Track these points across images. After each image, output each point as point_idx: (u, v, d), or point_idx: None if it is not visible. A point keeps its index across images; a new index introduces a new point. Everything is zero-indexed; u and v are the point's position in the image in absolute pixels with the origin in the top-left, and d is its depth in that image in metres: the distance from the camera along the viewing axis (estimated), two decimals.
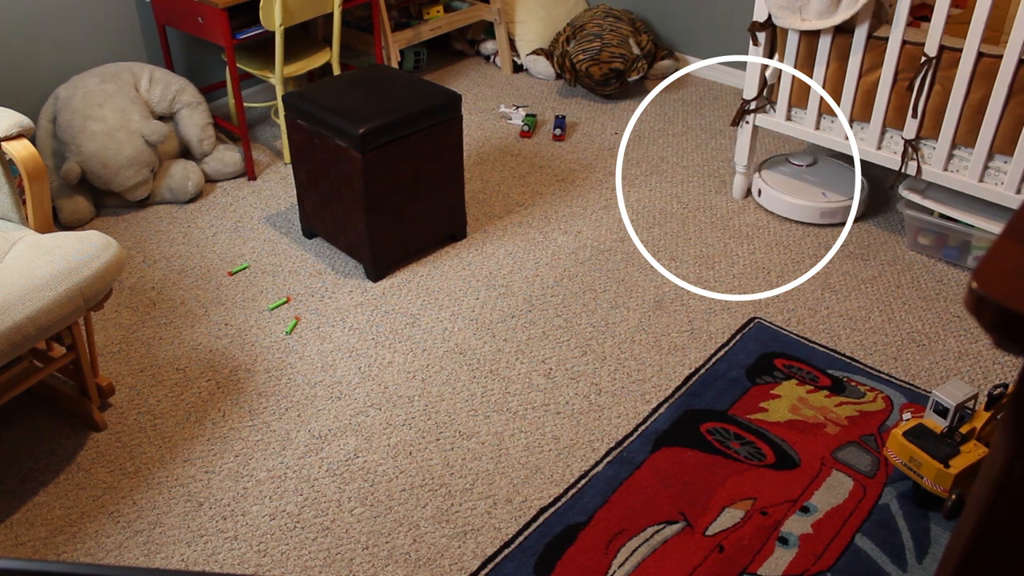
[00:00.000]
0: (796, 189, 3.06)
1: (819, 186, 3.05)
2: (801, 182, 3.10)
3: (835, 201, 3.00)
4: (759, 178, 3.13)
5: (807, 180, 3.10)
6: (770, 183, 3.10)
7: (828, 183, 3.08)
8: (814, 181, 3.09)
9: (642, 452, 2.19)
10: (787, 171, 3.16)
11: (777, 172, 3.18)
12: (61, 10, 3.19)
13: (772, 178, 3.13)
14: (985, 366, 2.45)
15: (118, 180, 3.04)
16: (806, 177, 3.11)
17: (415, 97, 2.72)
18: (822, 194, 3.00)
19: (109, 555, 1.98)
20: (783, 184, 3.10)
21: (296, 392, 2.40)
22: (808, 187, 3.06)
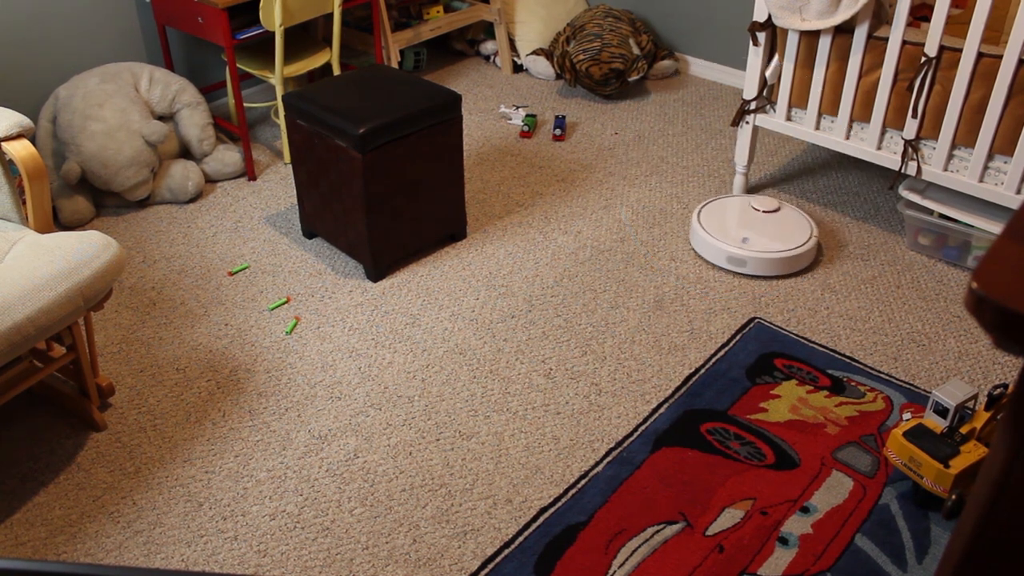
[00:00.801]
0: (722, 229, 2.86)
1: (756, 232, 2.83)
2: (736, 224, 2.89)
3: (749, 250, 2.77)
4: (698, 213, 2.94)
5: (748, 223, 2.89)
6: (705, 215, 2.93)
7: (768, 231, 2.84)
8: (753, 226, 2.87)
9: (642, 452, 2.19)
10: (735, 211, 2.96)
11: (720, 208, 2.99)
12: (61, 10, 3.19)
13: (711, 212, 2.95)
14: (985, 366, 2.45)
15: (118, 180, 3.04)
16: (752, 221, 2.90)
17: (415, 97, 2.72)
18: (742, 239, 2.79)
19: (109, 555, 1.98)
20: (717, 221, 2.90)
21: (296, 392, 2.40)
22: (737, 230, 2.85)
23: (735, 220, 2.91)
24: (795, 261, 2.78)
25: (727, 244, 2.81)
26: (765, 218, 2.90)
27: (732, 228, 2.87)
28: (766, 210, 2.92)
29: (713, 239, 2.83)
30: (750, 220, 2.90)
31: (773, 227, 2.86)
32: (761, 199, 2.96)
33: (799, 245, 2.79)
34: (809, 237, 2.81)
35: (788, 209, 2.94)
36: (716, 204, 3.01)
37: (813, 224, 2.86)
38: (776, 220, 2.89)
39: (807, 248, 2.80)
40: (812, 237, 2.81)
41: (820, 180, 3.32)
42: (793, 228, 2.85)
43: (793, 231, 2.84)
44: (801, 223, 2.87)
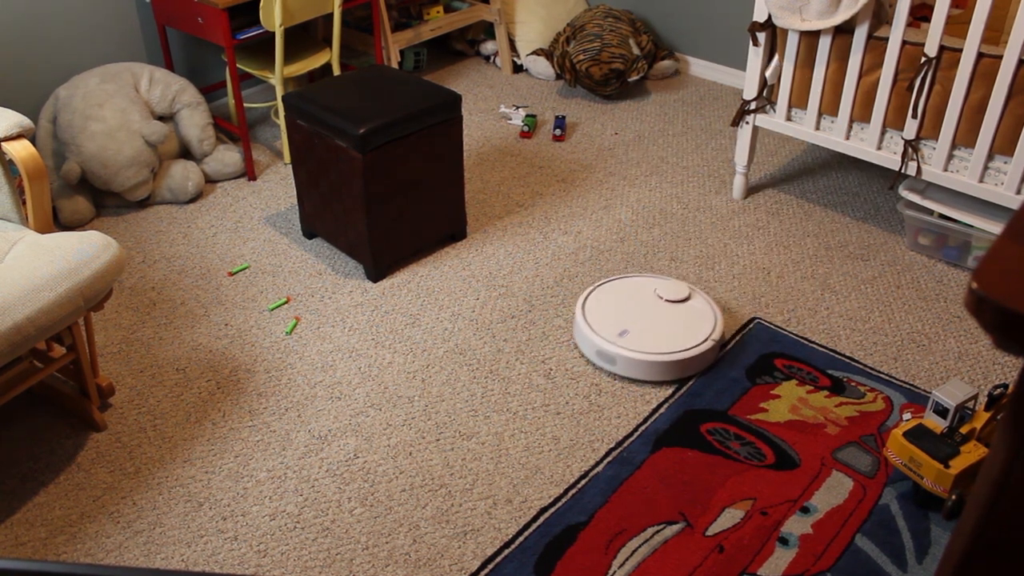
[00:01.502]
0: (606, 315, 2.48)
1: (644, 325, 2.44)
2: (626, 312, 2.50)
3: (621, 346, 2.37)
4: (590, 293, 2.58)
5: (640, 313, 2.50)
6: (598, 296, 2.56)
7: (658, 326, 2.44)
8: (645, 317, 2.48)
9: (642, 452, 2.19)
10: (634, 295, 2.56)
11: (619, 289, 2.59)
12: (61, 10, 3.19)
13: (606, 293, 2.58)
14: (985, 366, 2.45)
15: (118, 180, 3.04)
16: (646, 311, 2.50)
17: (415, 97, 2.72)
18: (620, 332, 2.41)
19: (109, 555, 1.98)
20: (608, 305, 2.53)
21: (296, 392, 2.40)
22: (621, 319, 2.47)
23: (627, 306, 2.52)
24: (676, 367, 2.36)
25: (599, 335, 2.41)
26: (666, 309, 2.49)
27: (618, 316, 2.48)
28: (670, 299, 2.52)
29: (586, 326, 2.44)
30: (645, 309, 2.50)
31: (668, 321, 2.46)
32: (671, 286, 2.56)
33: (684, 349, 2.37)
34: (704, 339, 2.39)
35: (698, 300, 2.54)
36: (616, 285, 2.61)
37: (718, 321, 2.46)
38: (676, 313, 2.49)
39: (694, 353, 2.36)
40: (708, 340, 2.39)
41: (820, 180, 3.32)
42: (691, 325, 2.44)
43: (688, 330, 2.43)
44: (703, 320, 2.46)
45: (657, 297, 2.53)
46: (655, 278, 2.63)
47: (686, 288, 2.55)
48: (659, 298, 2.53)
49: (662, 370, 2.36)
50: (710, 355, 2.42)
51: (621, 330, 2.40)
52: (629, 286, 2.60)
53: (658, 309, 2.50)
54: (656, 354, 2.35)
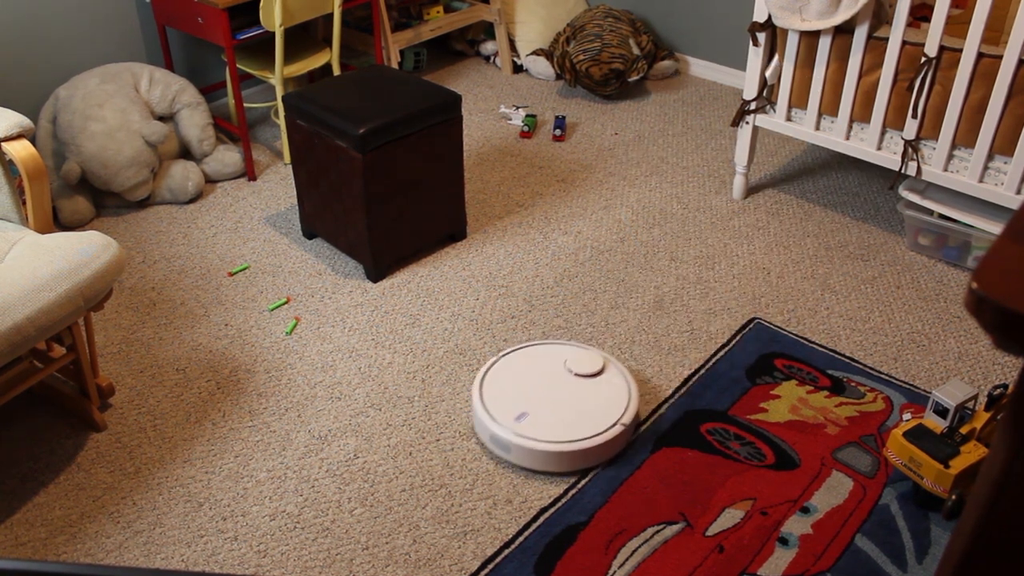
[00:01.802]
0: (507, 394, 2.20)
1: (549, 406, 2.16)
2: (529, 390, 2.21)
3: (516, 433, 2.09)
4: (491, 367, 2.29)
5: (544, 392, 2.21)
6: (498, 370, 2.27)
7: (564, 407, 2.16)
8: (551, 396, 2.19)
9: (642, 452, 2.19)
10: (540, 369, 2.26)
11: (521, 361, 2.30)
12: (61, 10, 3.19)
13: (508, 366, 2.28)
14: (985, 366, 2.45)
15: (118, 180, 3.04)
16: (552, 389, 2.21)
17: (415, 97, 2.72)
18: (517, 416, 2.12)
19: (109, 555, 1.98)
20: (508, 381, 2.24)
21: (296, 392, 2.40)
22: (528, 400, 2.18)
23: (532, 383, 2.23)
24: (576, 458, 2.08)
25: (493, 420, 2.13)
26: (575, 385, 2.21)
27: (519, 395, 2.19)
28: (581, 373, 2.22)
29: (481, 407, 2.16)
30: (552, 386, 2.21)
31: (575, 401, 2.17)
32: (583, 357, 2.25)
33: (589, 436, 2.08)
34: (614, 423, 2.11)
35: (612, 373, 2.24)
36: (524, 354, 2.32)
37: (632, 400, 2.17)
38: (586, 391, 2.19)
39: (600, 441, 2.08)
40: (616, 424, 2.11)
41: (820, 180, 3.32)
42: (601, 407, 2.16)
43: (598, 412, 2.14)
44: (616, 401, 2.17)
45: (567, 371, 2.25)
46: (568, 346, 2.34)
47: (600, 359, 2.26)
48: (569, 372, 2.24)
49: (559, 461, 2.08)
50: (619, 441, 2.13)
51: (520, 412, 2.12)
52: (537, 356, 2.31)
53: (564, 385, 2.21)
54: (553, 442, 2.07)
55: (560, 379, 2.24)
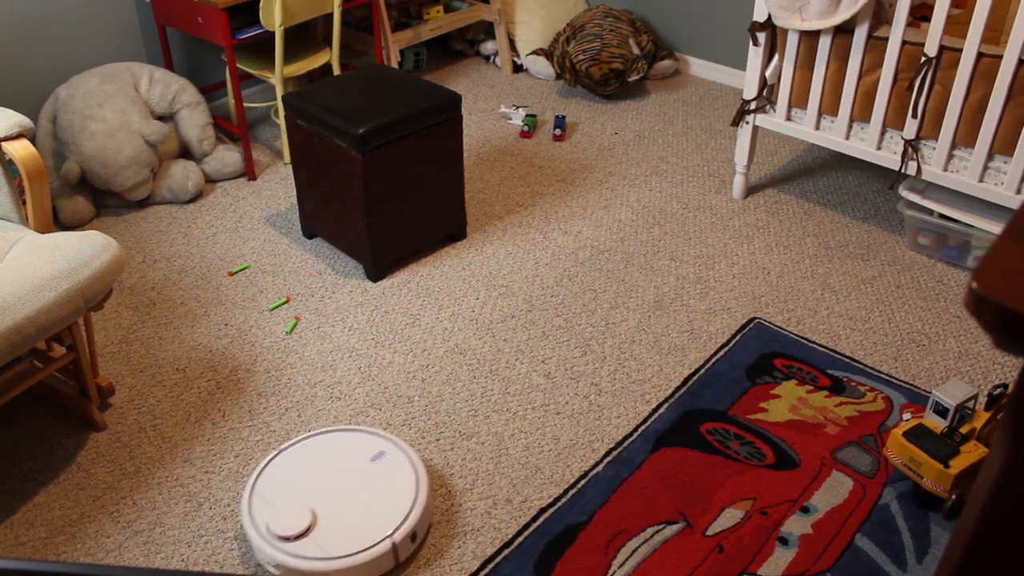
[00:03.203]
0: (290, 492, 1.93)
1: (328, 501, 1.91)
2: (310, 483, 1.96)
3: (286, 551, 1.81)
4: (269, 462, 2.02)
5: (328, 483, 1.96)
6: (270, 475, 1.98)
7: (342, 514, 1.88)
8: (332, 489, 1.94)
9: (642, 452, 2.19)
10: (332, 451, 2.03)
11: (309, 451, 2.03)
12: (61, 10, 3.19)
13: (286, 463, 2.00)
14: (985, 366, 2.45)
15: (118, 180, 3.04)
16: (346, 473, 1.98)
17: (415, 97, 2.72)
18: (274, 532, 1.84)
19: (109, 555, 1.98)
20: (287, 478, 1.97)
21: (296, 392, 2.40)
22: (306, 491, 1.94)
23: (312, 477, 1.97)
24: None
25: (265, 540, 1.84)
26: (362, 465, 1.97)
27: (300, 493, 1.94)
28: (283, 535, 1.84)
29: (251, 525, 1.88)
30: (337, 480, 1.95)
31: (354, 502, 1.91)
32: (288, 517, 1.86)
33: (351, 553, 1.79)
34: (379, 540, 1.82)
35: (392, 455, 2.00)
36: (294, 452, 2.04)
37: (412, 518, 1.88)
38: (366, 489, 1.93)
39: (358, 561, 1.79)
40: (385, 540, 1.82)
41: (820, 180, 3.32)
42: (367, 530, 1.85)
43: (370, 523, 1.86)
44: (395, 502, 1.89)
45: (367, 459, 1.99)
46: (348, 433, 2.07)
47: (384, 446, 2.00)
48: (368, 459, 1.99)
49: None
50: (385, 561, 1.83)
51: (275, 525, 1.85)
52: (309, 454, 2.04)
53: (359, 465, 1.98)
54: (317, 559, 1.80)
55: (348, 473, 1.98)
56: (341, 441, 2.08)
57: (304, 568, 1.80)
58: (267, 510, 1.91)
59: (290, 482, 1.97)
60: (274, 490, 1.95)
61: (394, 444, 2.05)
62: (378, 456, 2.01)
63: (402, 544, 1.87)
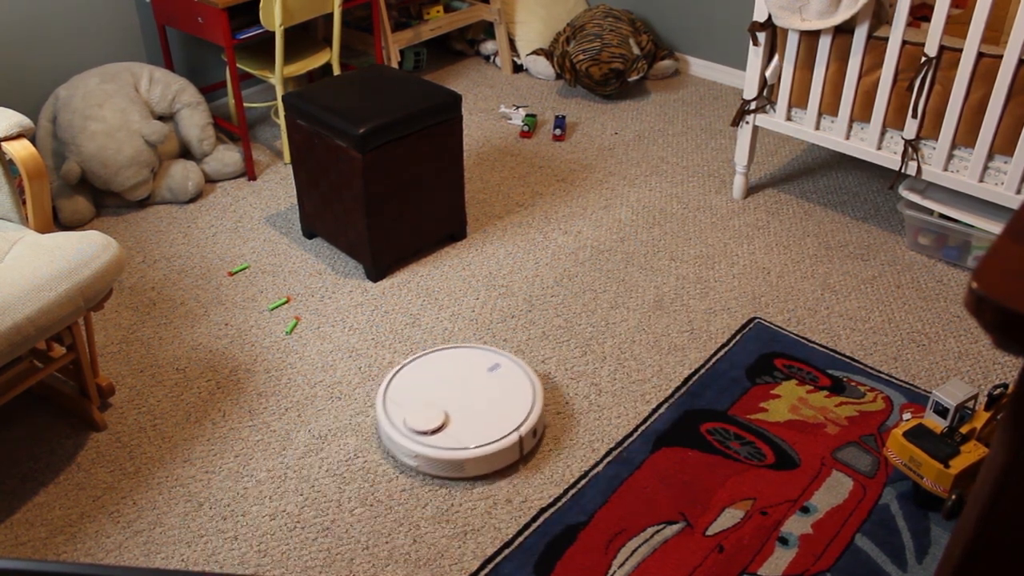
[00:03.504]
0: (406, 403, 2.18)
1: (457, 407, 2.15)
2: (434, 392, 2.21)
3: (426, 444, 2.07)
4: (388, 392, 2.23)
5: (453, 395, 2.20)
6: (395, 393, 2.22)
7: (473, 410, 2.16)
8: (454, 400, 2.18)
9: (642, 452, 2.19)
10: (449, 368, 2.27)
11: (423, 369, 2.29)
12: (61, 10, 3.19)
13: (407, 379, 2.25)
14: (985, 366, 2.45)
15: (118, 180, 3.04)
16: (467, 388, 2.22)
17: (415, 97, 2.72)
18: (403, 423, 2.12)
19: (109, 555, 1.98)
20: (410, 391, 2.22)
21: (296, 392, 2.40)
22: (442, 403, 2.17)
23: (437, 389, 2.22)
24: (471, 465, 2.07)
25: (404, 435, 2.09)
26: (481, 387, 2.21)
27: (427, 402, 2.17)
28: (419, 430, 2.10)
29: (386, 418, 2.14)
30: (461, 389, 2.20)
31: (480, 405, 2.17)
32: (425, 414, 2.13)
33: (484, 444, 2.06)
34: (507, 433, 2.09)
35: (508, 366, 2.26)
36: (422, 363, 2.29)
37: (532, 417, 2.14)
38: (489, 394, 2.19)
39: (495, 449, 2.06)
40: (512, 433, 2.09)
41: (820, 180, 3.32)
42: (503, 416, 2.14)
43: (499, 418, 2.14)
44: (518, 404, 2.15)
45: (477, 372, 2.24)
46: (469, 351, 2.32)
47: (498, 359, 2.27)
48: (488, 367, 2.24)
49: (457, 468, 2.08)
50: (507, 454, 2.09)
51: (434, 419, 2.10)
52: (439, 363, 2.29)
53: (473, 389, 2.21)
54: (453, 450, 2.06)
55: (468, 382, 2.23)
56: (457, 357, 2.33)
57: (443, 457, 2.06)
58: (401, 412, 2.16)
59: (417, 390, 2.22)
60: (404, 396, 2.21)
61: (507, 358, 2.31)
62: (494, 368, 2.28)
63: (526, 437, 2.13)
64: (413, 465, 2.10)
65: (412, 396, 2.20)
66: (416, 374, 2.27)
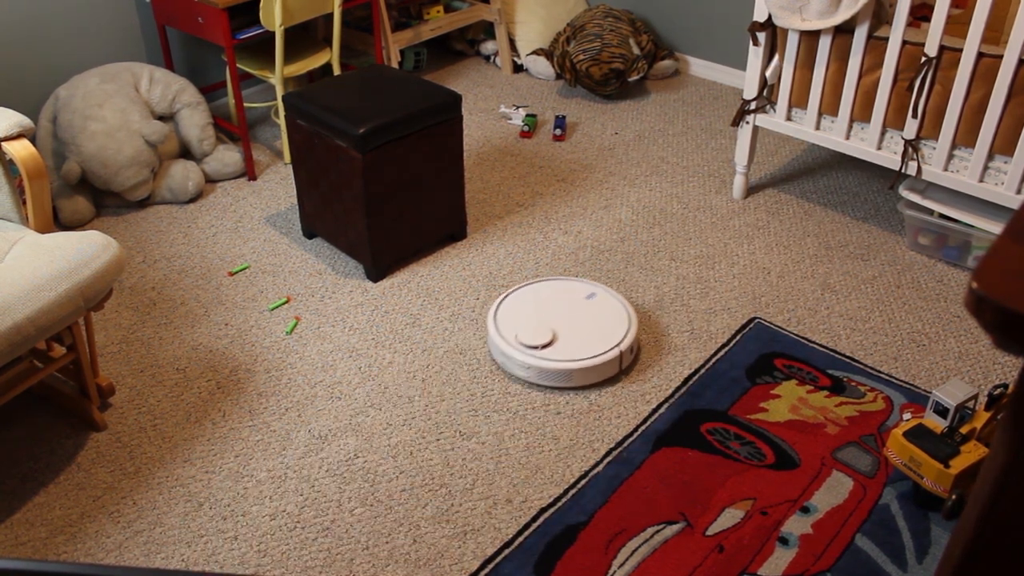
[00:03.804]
0: (517, 321, 2.48)
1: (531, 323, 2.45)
2: (544, 311, 2.52)
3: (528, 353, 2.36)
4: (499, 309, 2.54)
5: (558, 313, 2.51)
6: (505, 308, 2.53)
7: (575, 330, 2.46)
8: (561, 317, 2.50)
9: (642, 452, 2.19)
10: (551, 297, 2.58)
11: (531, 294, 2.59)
12: (61, 10, 3.19)
13: (518, 299, 2.57)
14: (985, 366, 2.45)
15: (118, 180, 3.04)
16: (570, 309, 2.53)
17: (415, 97, 2.72)
18: (515, 335, 2.42)
19: (109, 555, 1.98)
20: (518, 309, 2.54)
21: (296, 392, 2.40)
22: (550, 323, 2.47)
23: (541, 312, 2.51)
24: (577, 375, 2.36)
25: (517, 350, 2.37)
26: (580, 313, 2.51)
27: (533, 322, 2.47)
28: (529, 344, 2.39)
29: (496, 333, 2.44)
30: (562, 312, 2.51)
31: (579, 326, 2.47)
32: (536, 329, 2.43)
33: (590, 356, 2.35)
34: (610, 348, 2.38)
35: (603, 296, 2.56)
36: (527, 291, 2.59)
37: (630, 336, 2.42)
38: (588, 319, 2.49)
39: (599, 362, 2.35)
40: (614, 348, 2.37)
41: (820, 180, 3.32)
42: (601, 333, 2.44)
43: (598, 337, 2.42)
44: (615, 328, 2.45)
45: (574, 300, 2.55)
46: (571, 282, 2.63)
47: (594, 289, 2.58)
48: (583, 294, 2.56)
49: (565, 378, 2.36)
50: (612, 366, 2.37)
51: (544, 335, 2.39)
52: (541, 291, 2.60)
53: (572, 312, 2.51)
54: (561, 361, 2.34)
55: (569, 307, 2.55)
56: (556, 286, 2.62)
57: (553, 367, 2.33)
58: (512, 330, 2.45)
59: (524, 313, 2.51)
60: (513, 318, 2.50)
61: (603, 288, 2.60)
62: (590, 296, 2.55)
63: (625, 353, 2.40)
64: (524, 376, 2.37)
65: (519, 318, 2.50)
66: (521, 300, 2.57)
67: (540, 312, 2.51)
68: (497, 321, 2.49)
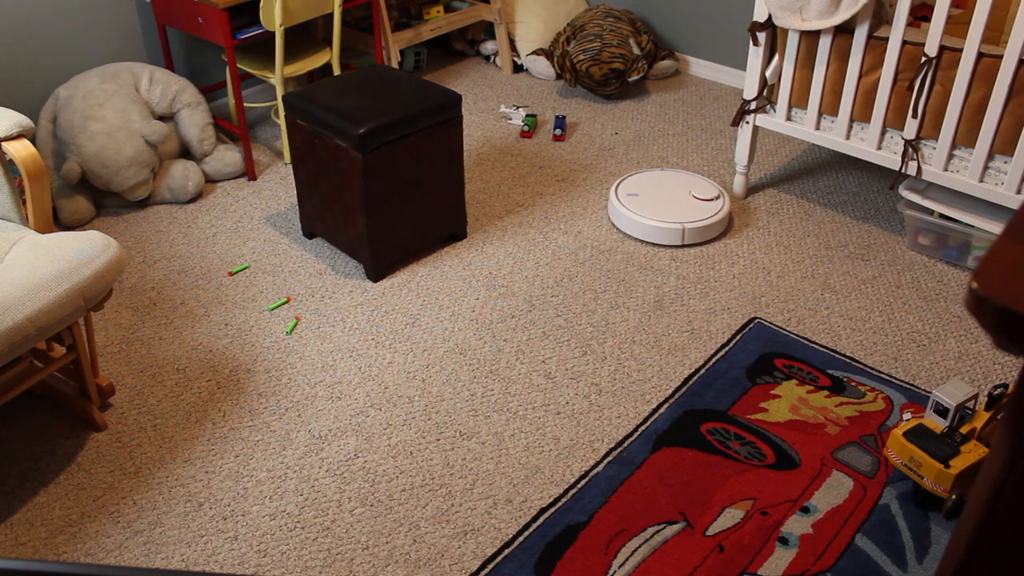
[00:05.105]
0: (658, 197, 3.07)
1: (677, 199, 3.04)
2: (673, 192, 3.08)
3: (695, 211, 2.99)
4: (619, 192, 3.10)
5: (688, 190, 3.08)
6: (627, 189, 3.10)
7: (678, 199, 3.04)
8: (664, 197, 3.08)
9: (642, 452, 2.19)
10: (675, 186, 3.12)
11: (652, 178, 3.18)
12: (61, 10, 3.19)
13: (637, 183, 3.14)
14: (985, 366, 2.45)
15: (118, 180, 3.04)
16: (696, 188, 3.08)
17: (415, 97, 2.72)
18: (690, 193, 3.04)
19: (109, 555, 1.98)
20: (649, 194, 3.09)
21: (296, 392, 2.40)
22: (677, 194, 3.08)
23: (653, 191, 3.10)
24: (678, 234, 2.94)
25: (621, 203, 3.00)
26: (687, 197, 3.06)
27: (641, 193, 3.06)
28: (701, 197, 3.03)
29: (616, 200, 3.06)
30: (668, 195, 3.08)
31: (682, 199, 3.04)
32: (705, 185, 3.08)
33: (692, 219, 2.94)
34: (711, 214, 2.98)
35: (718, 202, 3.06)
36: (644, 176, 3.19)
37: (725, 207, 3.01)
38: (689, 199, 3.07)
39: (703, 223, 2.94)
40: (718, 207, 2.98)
41: (820, 180, 3.32)
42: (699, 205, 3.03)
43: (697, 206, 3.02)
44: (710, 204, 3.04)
45: (686, 192, 3.08)
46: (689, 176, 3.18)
47: (717, 189, 3.07)
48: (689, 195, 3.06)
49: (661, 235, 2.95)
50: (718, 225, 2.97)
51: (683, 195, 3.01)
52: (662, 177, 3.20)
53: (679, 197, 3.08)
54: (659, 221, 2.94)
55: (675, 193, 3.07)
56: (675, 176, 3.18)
57: (667, 227, 2.91)
58: (631, 202, 3.02)
59: (636, 190, 3.09)
60: (631, 192, 3.07)
61: (708, 182, 3.12)
62: (708, 191, 3.04)
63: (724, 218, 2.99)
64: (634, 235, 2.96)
65: (635, 194, 3.06)
66: (635, 182, 3.14)
67: (658, 190, 3.09)
68: (620, 195, 3.07)
